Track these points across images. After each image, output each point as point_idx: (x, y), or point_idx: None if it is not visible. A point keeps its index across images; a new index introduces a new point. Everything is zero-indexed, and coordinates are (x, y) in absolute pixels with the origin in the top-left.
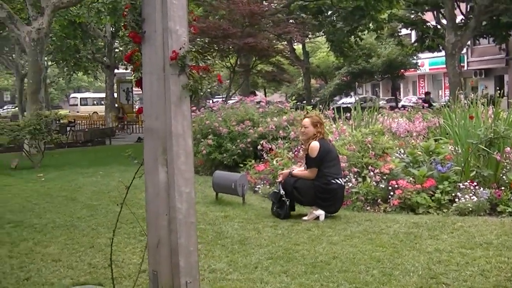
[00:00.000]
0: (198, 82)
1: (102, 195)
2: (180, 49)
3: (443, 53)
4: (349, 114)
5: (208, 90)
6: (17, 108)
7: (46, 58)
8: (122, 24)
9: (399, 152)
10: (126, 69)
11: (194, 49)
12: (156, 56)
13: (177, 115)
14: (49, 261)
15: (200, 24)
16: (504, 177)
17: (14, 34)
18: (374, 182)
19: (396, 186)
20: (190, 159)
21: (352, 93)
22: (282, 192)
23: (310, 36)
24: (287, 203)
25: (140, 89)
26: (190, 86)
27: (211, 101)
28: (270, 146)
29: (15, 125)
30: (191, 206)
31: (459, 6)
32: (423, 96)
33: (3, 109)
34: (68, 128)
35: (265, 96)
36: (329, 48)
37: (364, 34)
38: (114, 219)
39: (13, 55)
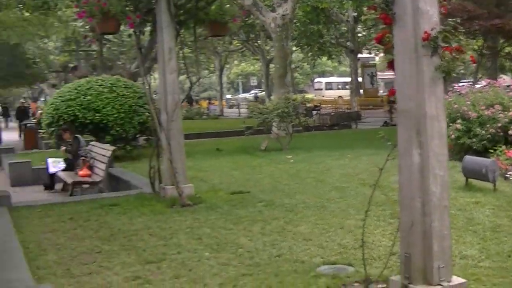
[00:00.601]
0: (451, 63)
1: (350, 177)
2: (432, 29)
3: None
4: None
5: (461, 71)
6: (263, 92)
7: (290, 44)
8: (366, 6)
9: None
10: (370, 53)
11: (446, 30)
12: (407, 37)
13: (431, 96)
14: (300, 240)
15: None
16: None
17: (259, 21)
18: None
19: None
20: (444, 141)
21: None
22: None
23: None
24: None
25: (391, 71)
26: (443, 67)
27: (457, 85)
28: None
29: (264, 108)
30: (444, 189)
31: None
32: None
33: (250, 94)
34: (314, 112)
35: None
36: None
37: None
38: (363, 201)
39: (259, 41)
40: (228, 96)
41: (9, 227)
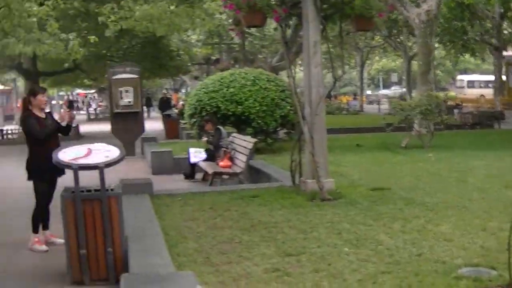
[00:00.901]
0: None
1: (493, 178)
2: None
3: None
4: None
5: None
6: (404, 89)
7: (434, 40)
8: None
9: None
10: None
11: None
12: None
13: None
14: (440, 240)
15: None
16: None
17: (402, 16)
18: None
19: None
20: None
21: None
22: None
23: None
24: None
25: None
26: None
27: None
28: None
29: (407, 105)
30: None
31: None
32: None
33: (391, 90)
34: (456, 110)
35: None
36: None
37: None
38: (506, 203)
39: (401, 37)
40: (368, 92)
41: (151, 213)
